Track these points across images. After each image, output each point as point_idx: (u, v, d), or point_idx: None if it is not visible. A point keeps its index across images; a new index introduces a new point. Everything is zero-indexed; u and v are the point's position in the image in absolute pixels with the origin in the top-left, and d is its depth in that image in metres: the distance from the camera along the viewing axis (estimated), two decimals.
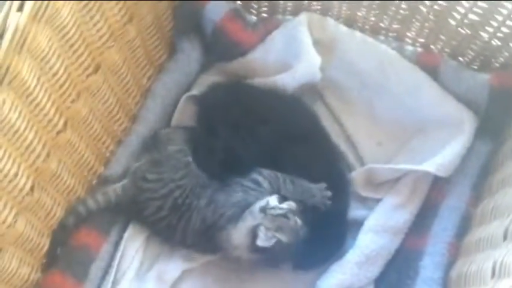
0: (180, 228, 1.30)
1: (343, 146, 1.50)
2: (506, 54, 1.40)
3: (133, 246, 1.35)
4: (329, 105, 1.55)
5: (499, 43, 1.39)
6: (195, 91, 1.53)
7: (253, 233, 1.23)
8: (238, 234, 1.26)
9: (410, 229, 1.37)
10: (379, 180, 1.44)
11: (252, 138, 1.38)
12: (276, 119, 1.40)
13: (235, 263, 1.31)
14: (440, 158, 1.36)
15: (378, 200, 1.42)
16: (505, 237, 1.09)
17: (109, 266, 1.33)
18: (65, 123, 1.19)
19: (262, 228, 1.22)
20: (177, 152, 1.34)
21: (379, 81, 1.49)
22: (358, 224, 1.39)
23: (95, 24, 1.21)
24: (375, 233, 1.35)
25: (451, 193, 1.37)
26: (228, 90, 1.49)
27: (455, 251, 1.30)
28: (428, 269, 1.28)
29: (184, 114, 1.51)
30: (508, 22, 1.33)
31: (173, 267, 1.35)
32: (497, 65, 1.44)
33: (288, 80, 1.48)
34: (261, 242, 1.21)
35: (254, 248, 1.23)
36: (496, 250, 1.09)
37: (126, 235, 1.35)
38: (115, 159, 1.40)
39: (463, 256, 1.27)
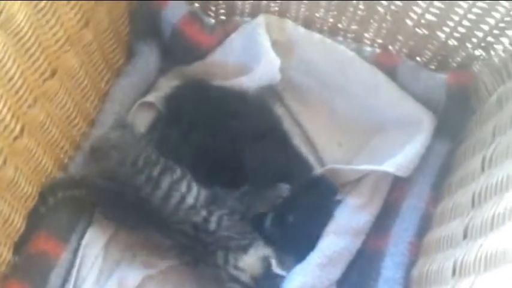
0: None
1: (303, 148, 1.50)
2: (463, 54, 1.42)
3: (92, 252, 1.34)
4: (288, 107, 1.56)
5: (456, 43, 1.41)
6: (150, 97, 1.53)
7: (267, 262, 1.28)
8: (250, 261, 1.29)
9: (371, 230, 1.38)
10: (340, 182, 1.44)
11: (217, 136, 1.38)
12: (239, 118, 1.41)
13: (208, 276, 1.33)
14: (400, 158, 1.37)
15: (339, 201, 1.42)
16: (464, 236, 1.10)
17: (69, 273, 1.31)
18: (22, 129, 1.17)
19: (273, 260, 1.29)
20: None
21: (339, 82, 1.50)
22: None
23: (50, 28, 1.19)
24: (336, 234, 1.35)
25: (411, 193, 1.38)
26: (193, 90, 1.50)
27: (416, 250, 1.31)
28: (390, 269, 1.28)
29: (137, 120, 1.50)
30: (465, 22, 1.35)
31: (134, 273, 1.34)
32: (454, 64, 1.46)
33: (247, 83, 1.48)
34: (275, 269, 1.28)
35: (269, 275, 1.28)
36: (456, 249, 1.10)
37: (84, 242, 1.34)
38: (73, 165, 1.38)
39: (424, 255, 1.28)
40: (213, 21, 1.62)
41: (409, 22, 1.42)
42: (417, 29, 1.43)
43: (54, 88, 1.26)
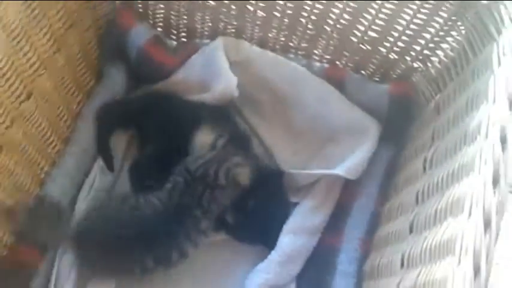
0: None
1: (262, 156, 1.53)
2: (403, 66, 1.47)
3: (68, 262, 1.34)
4: (247, 120, 1.59)
5: (396, 56, 1.45)
6: None
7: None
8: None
9: (326, 228, 1.42)
10: (297, 186, 1.47)
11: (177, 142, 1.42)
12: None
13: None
14: (349, 162, 1.41)
15: (295, 204, 1.47)
16: (410, 231, 1.15)
17: (49, 281, 1.31)
18: (1, 149, 1.19)
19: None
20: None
21: (292, 95, 1.53)
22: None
23: (25, 54, 1.21)
24: (294, 234, 1.39)
25: (360, 194, 1.42)
26: (150, 99, 1.54)
27: (367, 246, 1.36)
28: (344, 264, 1.33)
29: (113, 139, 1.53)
30: (404, 37, 1.39)
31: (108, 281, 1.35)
32: (395, 76, 1.50)
33: (208, 99, 1.51)
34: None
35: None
36: (404, 243, 1.15)
37: (59, 251, 1.34)
38: (50, 180, 1.39)
39: (375, 250, 1.33)
40: (175, 43, 1.66)
41: (353, 39, 1.45)
42: (361, 45, 1.46)
43: (30, 109, 1.27)
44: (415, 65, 1.44)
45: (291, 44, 1.56)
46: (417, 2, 1.30)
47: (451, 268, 0.86)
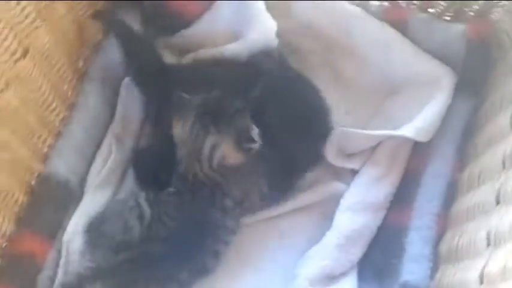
0: None
1: None
2: (481, 0, 1.42)
3: (76, 250, 1.32)
4: None
5: None
6: None
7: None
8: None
9: (392, 203, 1.39)
10: (352, 150, 1.45)
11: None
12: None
13: None
14: (419, 121, 1.38)
15: (354, 173, 1.44)
16: (497, 202, 1.10)
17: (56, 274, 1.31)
18: None
19: None
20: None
21: (344, 43, 1.51)
22: (334, 200, 1.40)
23: (18, 3, 1.18)
24: (354, 211, 1.36)
25: (433, 159, 1.38)
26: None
27: (443, 222, 1.32)
28: (416, 245, 1.29)
29: (128, 100, 1.49)
30: None
31: None
32: (471, 13, 1.46)
33: (239, 50, 1.47)
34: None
35: None
36: (489, 217, 1.10)
37: (64, 238, 1.33)
38: (55, 154, 1.37)
39: (452, 227, 1.28)
40: None
41: None
42: None
43: (27, 70, 1.25)
44: None
45: None
46: None
47: None
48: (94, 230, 1.32)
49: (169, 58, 1.54)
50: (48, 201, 1.32)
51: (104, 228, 1.31)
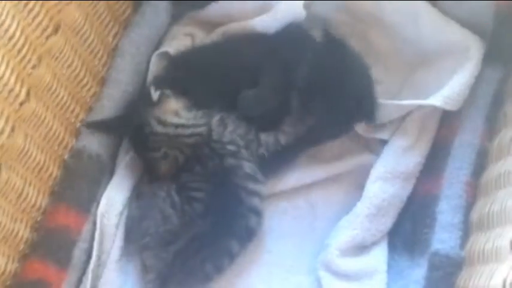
0: None
1: None
2: None
3: (111, 222, 1.35)
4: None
5: None
6: (167, 46, 1.51)
7: None
8: None
9: (421, 173, 1.38)
10: (382, 120, 1.43)
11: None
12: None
13: None
14: (448, 90, 1.36)
15: (383, 143, 1.43)
16: None
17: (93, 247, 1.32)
18: (28, 93, 1.17)
19: None
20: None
21: (373, 13, 1.49)
22: (364, 170, 1.40)
23: None
24: (384, 180, 1.36)
25: (462, 128, 1.37)
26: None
27: (474, 191, 1.31)
28: (447, 214, 1.28)
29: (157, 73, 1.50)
30: None
31: None
32: None
33: (268, 22, 1.47)
34: None
35: None
36: None
37: (99, 211, 1.34)
38: (87, 129, 1.38)
39: (483, 196, 1.27)
40: None
41: None
42: None
43: (58, 45, 1.26)
44: None
45: None
46: None
47: None
48: (135, 233, 1.34)
49: (200, 34, 1.55)
50: (81, 175, 1.33)
51: (144, 225, 1.32)
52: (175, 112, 1.33)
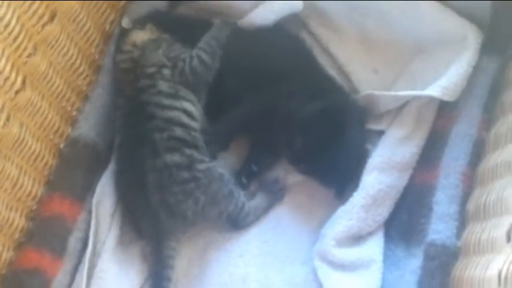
0: None
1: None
2: None
3: (106, 211, 1.35)
4: (315, 35, 1.55)
5: None
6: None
7: None
8: None
9: (418, 163, 1.38)
10: (379, 111, 1.44)
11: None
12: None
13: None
14: (445, 80, 1.36)
15: (380, 133, 1.43)
16: None
17: (88, 236, 1.32)
18: (23, 81, 1.17)
19: None
20: None
21: (371, 2, 1.47)
22: None
23: None
24: (380, 171, 1.36)
25: (459, 118, 1.37)
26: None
27: (470, 181, 1.31)
28: (443, 204, 1.28)
29: None
30: None
31: None
32: None
33: (266, 14, 1.47)
34: None
35: None
36: None
37: (94, 200, 1.34)
38: (83, 118, 1.38)
39: (480, 186, 1.27)
40: None
41: None
42: None
43: (54, 33, 1.26)
44: None
45: None
46: None
47: None
48: None
49: None
50: (77, 164, 1.34)
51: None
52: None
